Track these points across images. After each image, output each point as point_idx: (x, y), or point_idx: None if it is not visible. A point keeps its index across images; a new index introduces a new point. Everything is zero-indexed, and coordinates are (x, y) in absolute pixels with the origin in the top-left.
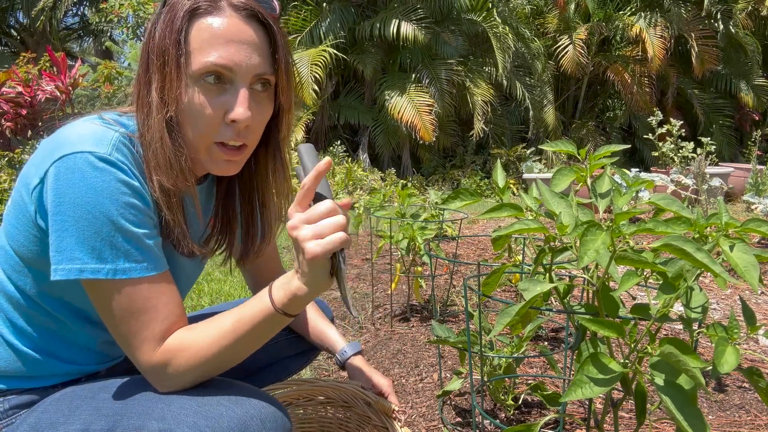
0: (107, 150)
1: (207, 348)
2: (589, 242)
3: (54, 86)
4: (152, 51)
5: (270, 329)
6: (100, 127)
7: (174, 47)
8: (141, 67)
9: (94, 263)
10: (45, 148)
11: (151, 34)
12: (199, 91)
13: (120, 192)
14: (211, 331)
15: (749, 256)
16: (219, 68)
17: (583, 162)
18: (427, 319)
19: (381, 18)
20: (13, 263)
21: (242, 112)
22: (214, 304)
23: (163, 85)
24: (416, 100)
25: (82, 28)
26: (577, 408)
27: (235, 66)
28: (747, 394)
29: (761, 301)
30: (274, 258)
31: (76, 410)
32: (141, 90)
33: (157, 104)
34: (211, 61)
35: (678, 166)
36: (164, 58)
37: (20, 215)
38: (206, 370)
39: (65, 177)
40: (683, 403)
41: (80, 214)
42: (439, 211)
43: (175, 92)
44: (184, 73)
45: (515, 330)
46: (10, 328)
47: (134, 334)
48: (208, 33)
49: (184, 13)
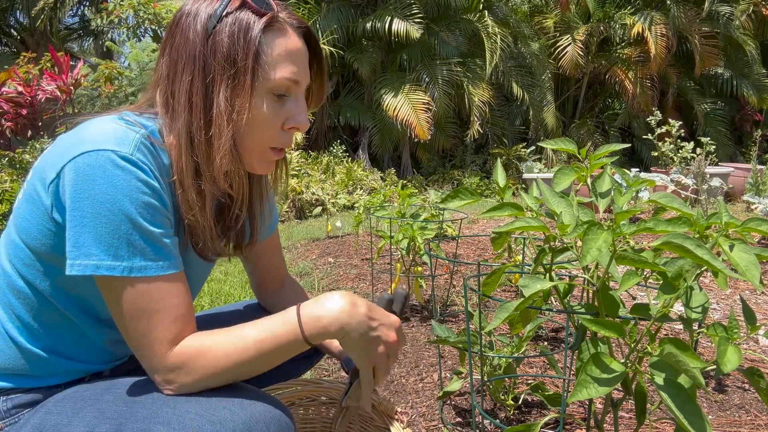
0: (129, 150)
1: (224, 358)
2: (590, 242)
3: (55, 86)
4: (212, 54)
5: (292, 353)
6: (122, 127)
7: (251, 59)
8: (189, 66)
9: (110, 260)
10: (64, 142)
11: (207, 37)
12: (268, 102)
13: (140, 191)
14: (232, 341)
15: (749, 255)
16: (291, 83)
17: (584, 161)
18: (427, 319)
19: (377, 15)
20: (23, 256)
21: (304, 122)
22: (214, 303)
23: (235, 93)
24: (412, 98)
25: (82, 28)
26: (577, 408)
27: (301, 80)
28: (747, 394)
29: (761, 301)
30: (275, 247)
31: (80, 411)
32: (192, 91)
33: (226, 113)
34: (287, 77)
35: (678, 166)
36: (236, 66)
37: (34, 209)
38: (219, 379)
39: (86, 173)
40: (684, 401)
41: (99, 210)
42: (439, 211)
43: (248, 102)
44: (257, 84)
45: (515, 329)
46: (18, 325)
47: (145, 334)
48: (280, 49)
49: (260, 29)
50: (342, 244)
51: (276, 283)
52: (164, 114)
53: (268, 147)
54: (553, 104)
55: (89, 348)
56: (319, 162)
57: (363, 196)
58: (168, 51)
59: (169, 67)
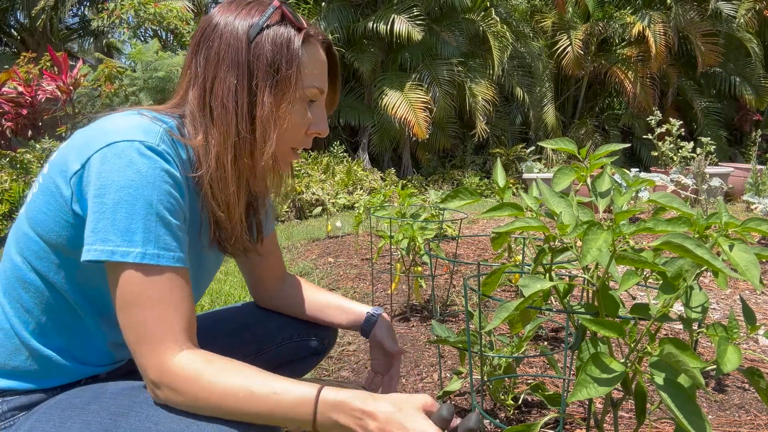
0: (156, 141)
1: (221, 397)
2: (590, 241)
3: (55, 86)
4: (257, 60)
5: (291, 424)
6: (147, 120)
7: (291, 67)
8: (231, 71)
9: (126, 246)
10: (87, 135)
11: (249, 43)
12: (300, 109)
13: (163, 180)
14: (235, 381)
15: (749, 255)
16: (318, 92)
17: (583, 161)
18: (427, 319)
19: (378, 16)
20: (37, 249)
21: (325, 128)
22: (215, 303)
23: (278, 99)
24: (410, 96)
25: (82, 28)
26: (577, 408)
27: (325, 89)
28: (747, 394)
29: (761, 301)
30: (274, 250)
31: (67, 421)
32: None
33: (272, 115)
34: (317, 86)
35: (678, 166)
36: (278, 74)
37: (51, 200)
38: (204, 411)
39: (112, 162)
40: (684, 401)
41: (122, 197)
42: (439, 211)
43: (289, 107)
44: (297, 92)
45: (515, 329)
46: (25, 320)
47: (145, 328)
48: (313, 60)
49: (300, 42)
50: (342, 244)
51: (275, 282)
52: (200, 113)
53: (290, 148)
54: (553, 104)
55: (93, 349)
56: (319, 162)
57: (363, 196)
58: (205, 54)
59: (207, 69)
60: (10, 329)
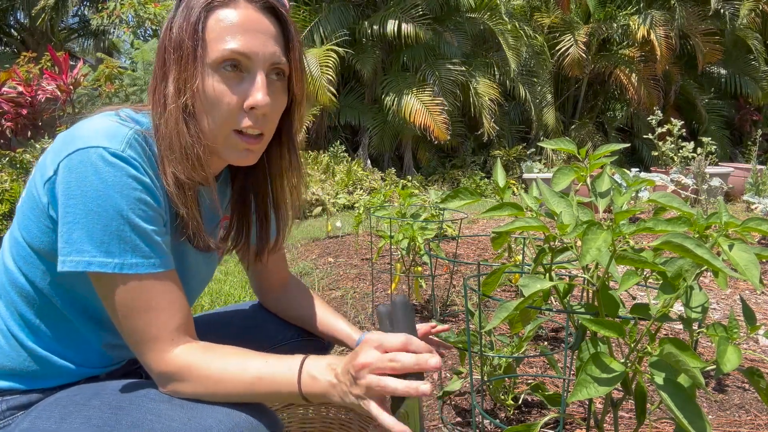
0: (120, 146)
1: (215, 384)
2: (590, 241)
3: (55, 86)
4: (169, 45)
5: (285, 399)
6: (114, 124)
7: (191, 38)
8: (157, 63)
9: (102, 257)
10: (61, 141)
11: (168, 30)
12: (218, 79)
13: (131, 187)
14: (228, 367)
15: (749, 255)
16: (237, 55)
17: (583, 161)
18: (427, 319)
19: (380, 16)
20: (24, 254)
21: (261, 98)
22: (215, 303)
23: (180, 75)
24: (424, 100)
25: (83, 28)
26: (577, 408)
27: (252, 53)
28: (747, 394)
29: (761, 301)
30: (280, 259)
31: (68, 417)
32: (157, 85)
33: (173, 95)
34: (229, 48)
35: (678, 166)
36: (181, 49)
37: (33, 206)
38: (208, 397)
39: (77, 170)
40: (684, 401)
41: (90, 207)
42: (439, 211)
43: (192, 81)
44: (202, 62)
45: (515, 329)
46: (20, 323)
47: (140, 332)
48: (225, 23)
49: (201, 7)
50: (342, 244)
51: (280, 285)
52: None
53: (232, 130)
54: (553, 104)
55: (88, 350)
56: (319, 162)
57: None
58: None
59: (154, 64)
60: (7, 331)
